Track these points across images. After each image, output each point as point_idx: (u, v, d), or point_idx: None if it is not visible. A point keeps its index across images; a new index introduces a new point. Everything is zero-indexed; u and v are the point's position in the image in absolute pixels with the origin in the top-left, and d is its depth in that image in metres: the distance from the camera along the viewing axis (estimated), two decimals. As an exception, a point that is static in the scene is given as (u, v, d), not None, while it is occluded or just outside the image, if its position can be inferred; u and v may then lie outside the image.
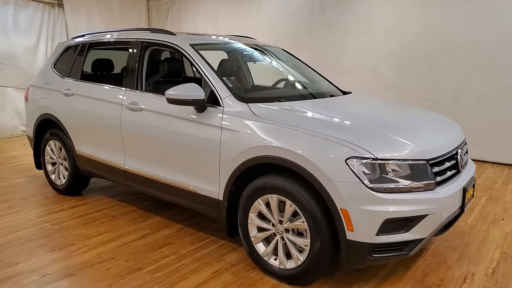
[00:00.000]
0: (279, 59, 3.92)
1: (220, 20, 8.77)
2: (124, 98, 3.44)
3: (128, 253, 3.05)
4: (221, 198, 2.84)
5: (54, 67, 4.33)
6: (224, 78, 3.02)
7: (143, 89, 3.45)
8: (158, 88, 3.54)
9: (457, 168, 2.62)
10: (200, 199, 2.99)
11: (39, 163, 4.55)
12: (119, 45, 3.89)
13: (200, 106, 2.85)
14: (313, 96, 3.29)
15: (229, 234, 2.91)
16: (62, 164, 4.27)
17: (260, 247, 2.72)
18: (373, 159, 2.24)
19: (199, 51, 3.13)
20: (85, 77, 4.05)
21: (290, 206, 2.49)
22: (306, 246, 2.46)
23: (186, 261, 2.93)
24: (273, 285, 2.62)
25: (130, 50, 3.56)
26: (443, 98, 5.99)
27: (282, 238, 2.60)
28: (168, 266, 2.86)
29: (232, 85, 3.01)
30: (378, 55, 6.71)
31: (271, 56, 3.88)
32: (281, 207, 2.58)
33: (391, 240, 2.28)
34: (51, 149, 4.33)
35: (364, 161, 2.24)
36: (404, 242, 2.31)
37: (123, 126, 3.41)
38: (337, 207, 2.27)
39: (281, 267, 2.61)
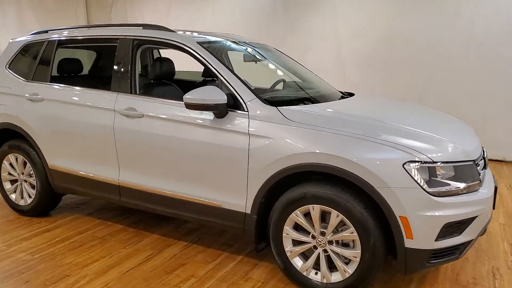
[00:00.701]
0: (272, 58, 3.72)
1: (172, 18, 8.31)
2: (117, 103, 3.02)
3: (140, 280, 2.67)
4: (248, 211, 2.59)
5: (9, 68, 3.70)
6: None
7: (138, 92, 3.06)
8: (152, 91, 3.16)
9: (485, 167, 2.65)
10: (222, 214, 2.70)
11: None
12: (100, 43, 3.41)
13: (221, 111, 2.57)
14: (324, 98, 3.14)
15: (257, 249, 2.67)
16: (26, 181, 3.66)
17: (298, 262, 2.53)
18: (429, 162, 2.16)
19: (210, 50, 2.83)
20: (55, 80, 3.50)
21: (336, 217, 2.33)
22: (356, 257, 2.32)
23: (211, 284, 2.63)
24: (316, 301, 2.45)
25: (119, 49, 3.13)
26: (406, 98, 6.23)
27: (325, 251, 2.43)
28: (193, 291, 2.56)
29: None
30: (342, 54, 6.81)
31: (265, 55, 3.68)
32: (323, 217, 2.41)
33: (447, 245, 2.22)
34: (10, 164, 3.71)
35: (421, 165, 2.15)
36: (457, 246, 2.28)
37: (117, 135, 2.99)
38: (395, 214, 2.16)
39: (324, 281, 2.45)
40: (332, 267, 2.44)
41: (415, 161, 2.15)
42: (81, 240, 3.26)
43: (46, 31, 3.73)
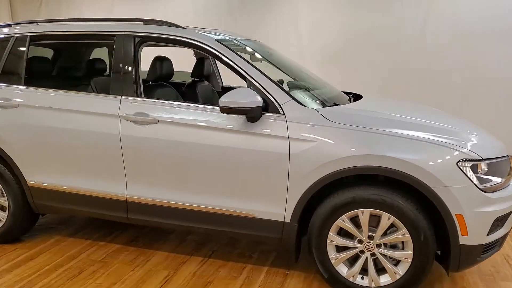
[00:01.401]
0: (271, 56, 3.57)
1: (116, 15, 7.67)
2: (122, 108, 2.66)
3: (171, 307, 2.38)
4: (287, 220, 2.44)
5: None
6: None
7: (143, 95, 2.73)
8: (152, 93, 2.85)
9: None
10: (255, 224, 2.52)
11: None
12: (86, 39, 3.00)
13: (256, 114, 2.38)
14: (337, 98, 3.05)
15: (296, 259, 2.54)
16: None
17: (343, 269, 2.44)
18: (478, 159, 2.21)
19: (233, 49, 2.62)
20: (29, 82, 2.99)
21: (387, 219, 2.28)
22: (407, 258, 2.30)
23: (250, 301, 2.44)
24: (365, 307, 2.38)
25: (118, 47, 2.76)
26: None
27: (373, 254, 2.38)
28: (234, 312, 2.34)
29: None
30: (303, 52, 6.85)
31: (266, 53, 3.51)
32: (370, 221, 2.35)
33: (494, 238, 2.30)
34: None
35: (473, 162, 2.19)
36: (499, 238, 2.36)
37: (124, 144, 2.63)
38: (451, 213, 2.18)
39: (373, 285, 2.39)
40: (378, 270, 2.40)
41: (467, 159, 2.18)
42: (78, 266, 2.83)
43: (9, 25, 3.18)
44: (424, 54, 6.23)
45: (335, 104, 2.66)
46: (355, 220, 2.37)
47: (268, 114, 2.42)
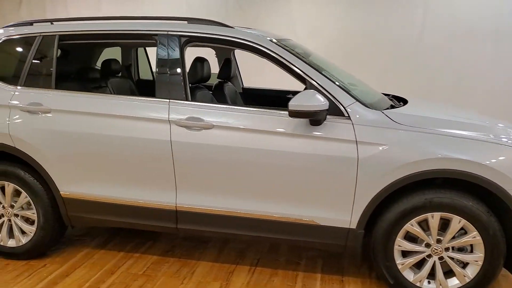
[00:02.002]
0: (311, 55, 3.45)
1: (104, 14, 7.32)
2: (171, 112, 2.51)
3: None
4: (353, 226, 2.38)
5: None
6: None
7: (189, 99, 2.58)
8: (194, 97, 2.72)
9: None
10: (319, 232, 2.44)
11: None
12: (122, 39, 2.82)
13: (322, 117, 2.30)
14: (384, 100, 2.96)
15: (359, 265, 2.48)
16: (17, 216, 2.85)
17: (409, 274, 2.40)
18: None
19: (290, 50, 2.52)
20: (59, 85, 2.77)
21: (458, 222, 2.26)
22: (477, 261, 2.29)
23: (318, 311, 2.36)
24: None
25: (161, 48, 2.60)
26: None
27: (440, 258, 2.35)
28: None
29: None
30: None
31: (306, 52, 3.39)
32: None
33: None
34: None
35: None
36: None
37: (175, 150, 2.48)
38: (525, 214, 2.19)
39: (441, 289, 2.37)
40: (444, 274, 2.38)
41: (539, 161, 2.20)
42: (121, 281, 2.65)
43: (30, 23, 2.94)
44: (423, 54, 6.33)
45: (392, 106, 2.61)
46: (421, 224, 2.34)
47: (331, 117, 2.34)
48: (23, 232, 2.87)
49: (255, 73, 4.64)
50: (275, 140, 2.38)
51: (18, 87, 2.75)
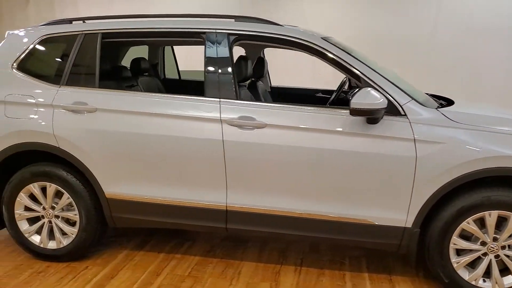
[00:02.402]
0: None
1: (115, 12, 7.25)
2: (223, 112, 2.48)
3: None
4: (409, 225, 2.37)
5: (18, 69, 2.77)
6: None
7: (239, 98, 2.56)
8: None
9: None
10: (374, 231, 2.42)
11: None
12: (167, 37, 2.78)
13: (380, 116, 2.29)
14: (430, 100, 2.93)
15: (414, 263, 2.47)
16: (58, 217, 2.80)
17: (464, 272, 2.40)
18: None
19: (343, 48, 2.50)
20: (102, 84, 2.73)
21: (515, 220, 2.27)
22: (535, 259, 2.30)
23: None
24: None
25: (209, 46, 2.57)
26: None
27: (496, 256, 2.35)
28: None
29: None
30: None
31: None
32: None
33: None
34: (31, 197, 2.80)
35: None
36: None
37: (227, 150, 2.45)
38: None
39: (497, 287, 2.37)
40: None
41: None
42: (169, 283, 2.62)
43: (69, 21, 2.89)
44: (436, 52, 6.36)
45: (442, 105, 2.61)
46: (477, 223, 2.34)
47: (388, 115, 2.33)
48: (63, 234, 2.82)
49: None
50: (330, 139, 2.36)
51: (61, 86, 2.70)
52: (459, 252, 2.39)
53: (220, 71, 2.54)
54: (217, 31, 2.58)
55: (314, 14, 6.62)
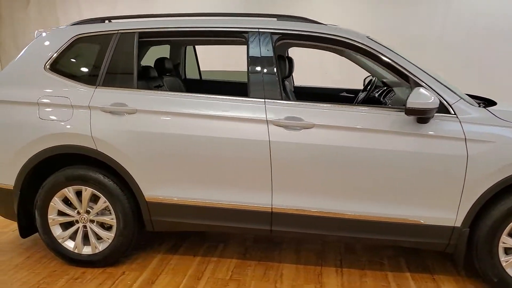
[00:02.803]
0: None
1: (119, 12, 7.14)
2: (268, 112, 2.44)
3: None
4: (458, 224, 2.37)
5: (51, 69, 2.69)
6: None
7: (284, 98, 2.52)
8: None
9: None
10: (422, 231, 2.41)
11: (30, 228, 2.82)
12: (206, 37, 2.73)
13: (432, 115, 2.28)
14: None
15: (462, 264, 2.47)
16: (93, 222, 2.73)
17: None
18: None
19: (390, 48, 2.49)
20: (140, 84, 2.68)
21: None
22: None
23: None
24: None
25: (253, 46, 2.53)
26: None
27: (543, 254, 2.37)
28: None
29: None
30: (321, 52, 6.78)
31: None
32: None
33: None
34: (65, 201, 2.72)
35: None
36: None
37: (274, 151, 2.42)
38: None
39: (544, 285, 2.38)
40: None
41: None
42: (212, 286, 2.57)
43: (102, 20, 2.82)
44: (443, 52, 6.41)
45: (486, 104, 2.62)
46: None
47: (437, 114, 2.32)
48: (98, 239, 2.75)
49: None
50: (381, 138, 2.34)
51: (97, 87, 2.63)
52: (508, 250, 2.39)
53: (264, 71, 2.50)
54: (259, 30, 2.54)
55: (323, 12, 6.60)
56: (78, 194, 2.70)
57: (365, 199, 2.41)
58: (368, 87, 3.54)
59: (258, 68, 2.51)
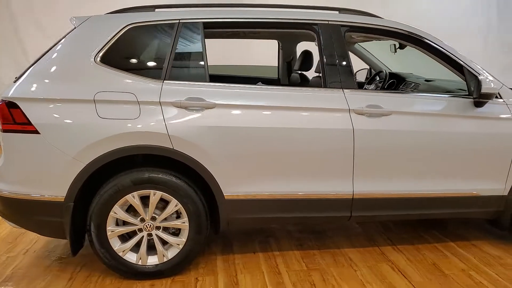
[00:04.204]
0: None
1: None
2: (350, 101, 2.53)
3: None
4: (506, 193, 2.77)
5: (103, 62, 2.40)
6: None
7: (357, 87, 2.65)
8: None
9: None
10: (478, 201, 2.76)
11: (80, 244, 2.49)
12: (275, 28, 2.72)
13: (493, 98, 2.62)
14: None
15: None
16: (159, 228, 2.51)
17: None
18: None
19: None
20: (211, 77, 2.53)
21: None
22: None
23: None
24: None
25: (325, 38, 2.59)
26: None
27: None
28: None
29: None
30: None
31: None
32: None
33: None
34: (127, 209, 2.46)
35: None
36: None
37: (357, 138, 2.52)
38: None
39: None
40: None
41: None
42: (299, 279, 2.56)
43: (153, 8, 2.60)
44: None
45: None
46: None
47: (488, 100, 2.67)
48: (163, 245, 2.53)
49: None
50: (450, 122, 2.62)
51: (165, 81, 2.42)
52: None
53: (340, 62, 2.58)
54: (329, 22, 2.61)
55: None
56: (142, 199, 2.45)
57: (436, 178, 2.66)
58: (377, 79, 3.82)
59: (334, 60, 2.57)
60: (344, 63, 2.59)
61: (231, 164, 2.45)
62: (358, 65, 4.03)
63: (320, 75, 2.71)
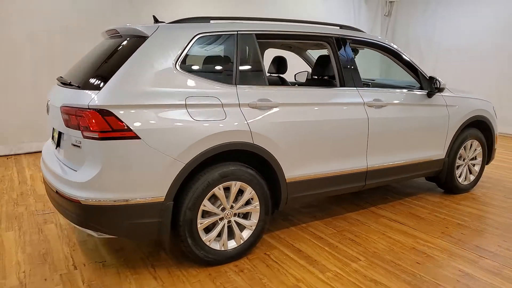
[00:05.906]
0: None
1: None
2: (363, 97, 3.35)
3: (434, 226, 3.50)
4: (444, 157, 4.02)
5: (182, 68, 2.64)
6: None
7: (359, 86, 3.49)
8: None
9: None
10: (431, 165, 3.93)
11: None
12: (303, 40, 3.29)
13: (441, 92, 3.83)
14: None
15: None
16: (235, 215, 2.86)
17: None
18: None
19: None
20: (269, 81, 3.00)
21: None
22: None
23: None
24: None
25: (338, 48, 3.34)
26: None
27: None
28: None
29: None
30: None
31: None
32: None
33: None
34: (209, 201, 2.75)
35: None
36: None
37: (371, 124, 3.35)
38: None
39: None
40: None
41: None
42: (370, 259, 3.26)
43: (208, 20, 2.90)
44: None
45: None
46: None
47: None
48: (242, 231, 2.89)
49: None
50: (416, 109, 3.69)
51: (238, 86, 2.78)
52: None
53: (353, 67, 3.36)
54: (340, 36, 3.37)
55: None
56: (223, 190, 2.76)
57: (411, 150, 3.72)
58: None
59: (348, 65, 3.34)
60: (353, 67, 3.38)
61: (292, 152, 2.97)
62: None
63: (316, 77, 3.62)
